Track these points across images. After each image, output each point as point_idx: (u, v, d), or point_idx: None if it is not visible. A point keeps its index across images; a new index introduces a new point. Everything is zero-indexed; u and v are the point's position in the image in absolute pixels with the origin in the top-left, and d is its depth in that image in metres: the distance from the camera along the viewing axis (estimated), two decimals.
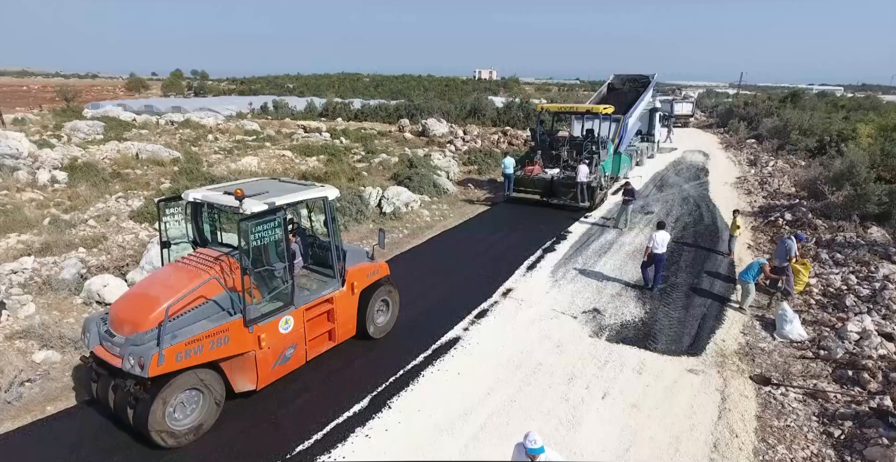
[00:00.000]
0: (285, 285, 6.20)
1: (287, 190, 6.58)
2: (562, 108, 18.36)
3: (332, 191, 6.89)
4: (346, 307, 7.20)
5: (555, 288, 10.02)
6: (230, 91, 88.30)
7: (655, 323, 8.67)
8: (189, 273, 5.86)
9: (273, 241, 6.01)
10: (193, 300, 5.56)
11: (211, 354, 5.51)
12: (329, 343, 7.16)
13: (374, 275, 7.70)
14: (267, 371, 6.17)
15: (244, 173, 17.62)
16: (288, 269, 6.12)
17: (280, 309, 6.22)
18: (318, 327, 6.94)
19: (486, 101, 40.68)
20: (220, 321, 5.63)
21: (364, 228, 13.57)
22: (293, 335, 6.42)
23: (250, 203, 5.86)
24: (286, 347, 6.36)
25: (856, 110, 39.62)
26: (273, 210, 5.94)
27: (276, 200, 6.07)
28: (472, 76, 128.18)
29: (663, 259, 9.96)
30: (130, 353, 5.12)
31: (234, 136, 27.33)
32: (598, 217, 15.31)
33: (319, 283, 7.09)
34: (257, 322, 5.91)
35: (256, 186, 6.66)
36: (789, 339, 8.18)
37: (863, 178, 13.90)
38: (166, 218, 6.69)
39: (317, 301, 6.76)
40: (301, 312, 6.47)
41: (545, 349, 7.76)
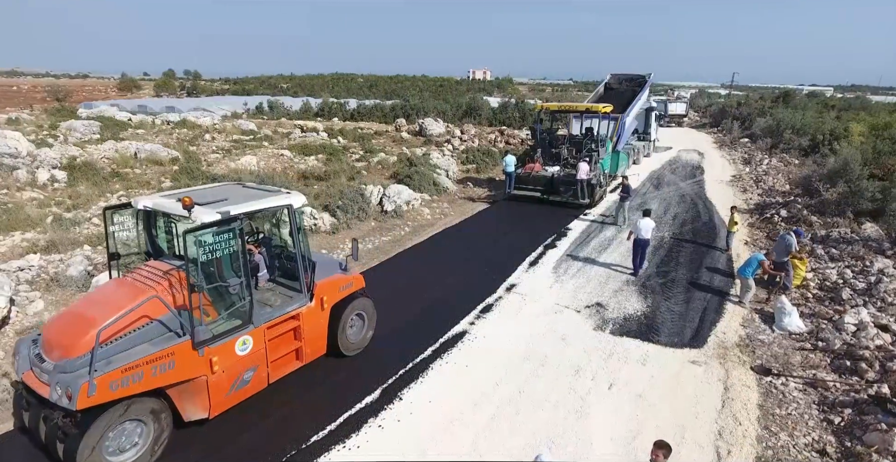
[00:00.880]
0: (243, 302, 5.64)
1: (248, 197, 6.04)
2: (561, 107, 18.56)
3: (297, 198, 6.34)
4: (314, 324, 6.62)
5: (558, 283, 10.17)
6: (223, 91, 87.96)
7: (657, 316, 8.83)
8: (132, 290, 5.31)
9: (228, 254, 5.48)
10: (135, 320, 5.02)
11: (153, 381, 4.96)
12: (295, 363, 6.57)
13: (348, 288, 7.11)
14: (221, 397, 5.62)
15: (244, 172, 17.64)
16: (246, 284, 5.58)
17: (237, 328, 5.64)
18: (282, 347, 6.37)
19: (481, 101, 40.84)
20: (165, 344, 5.07)
21: (366, 226, 13.66)
22: (253, 356, 5.85)
23: (201, 212, 5.35)
24: (244, 370, 5.78)
25: (846, 110, 40.18)
26: (227, 220, 5.39)
27: (232, 209, 5.51)
28: (467, 76, 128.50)
29: (647, 244, 10.61)
30: (58, 381, 4.58)
31: (231, 136, 27.31)
32: (598, 214, 15.49)
33: (285, 298, 6.47)
34: (209, 344, 5.34)
35: (216, 193, 6.14)
36: (788, 332, 8.36)
37: (856, 175, 14.16)
38: (114, 227, 6.14)
39: (281, 318, 6.18)
40: (262, 331, 5.91)
41: (550, 342, 7.90)
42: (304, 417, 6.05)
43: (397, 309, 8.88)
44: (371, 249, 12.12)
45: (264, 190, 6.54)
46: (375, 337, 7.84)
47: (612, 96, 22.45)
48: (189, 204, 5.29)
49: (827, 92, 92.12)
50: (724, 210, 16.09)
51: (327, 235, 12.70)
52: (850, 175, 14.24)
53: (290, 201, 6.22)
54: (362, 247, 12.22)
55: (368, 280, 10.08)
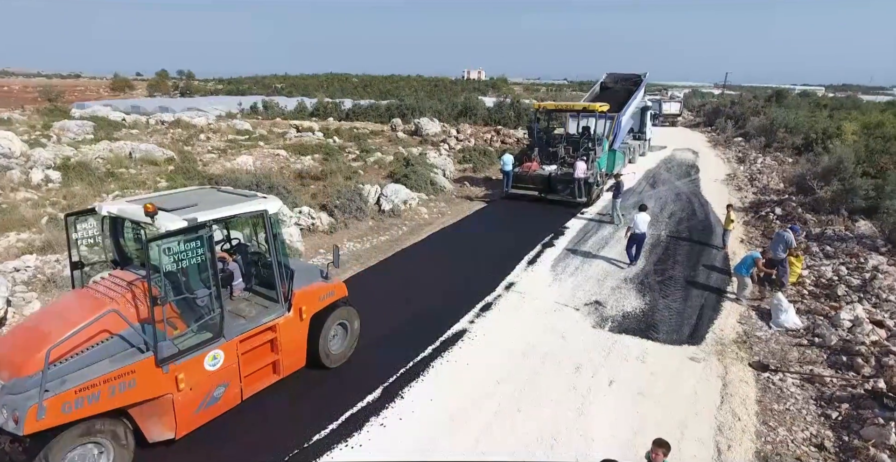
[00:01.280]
0: (213, 314, 5.31)
1: (220, 202, 5.71)
2: (558, 106, 18.62)
3: (273, 203, 6.00)
4: (292, 335, 6.29)
5: (556, 281, 10.20)
6: (217, 91, 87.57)
7: (656, 314, 8.89)
8: (91, 302, 5.00)
9: (195, 264, 5.16)
10: (93, 336, 4.69)
11: (112, 402, 4.62)
12: (272, 377, 6.24)
13: (329, 297, 6.76)
14: (189, 416, 5.31)
15: (240, 172, 17.58)
16: (216, 295, 5.24)
17: (207, 342, 5.30)
18: (257, 360, 6.04)
19: (476, 101, 40.88)
20: (126, 361, 4.73)
21: (364, 226, 13.65)
22: (224, 372, 5.51)
23: (165, 219, 5.01)
24: (214, 387, 5.46)
25: (838, 109, 40.49)
26: (194, 227, 5.05)
27: (200, 215, 5.18)
28: (462, 76, 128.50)
29: (643, 238, 11.01)
30: (4, 404, 4.26)
31: (227, 136, 27.19)
32: (595, 212, 15.55)
33: (260, 308, 6.14)
34: (174, 360, 5.01)
35: (187, 198, 5.82)
36: (785, 328, 8.44)
37: (850, 173, 14.29)
38: (77, 234, 5.80)
39: (255, 330, 5.86)
40: (234, 345, 5.58)
41: (550, 340, 7.93)
42: (304, 417, 6.05)
43: (397, 308, 8.90)
44: (369, 249, 12.12)
45: (239, 195, 6.22)
46: (376, 336, 7.85)
47: (608, 95, 22.53)
48: (151, 210, 4.92)
49: (818, 91, 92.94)
50: (719, 208, 16.20)
51: (325, 235, 12.69)
52: (844, 173, 14.37)
53: (265, 207, 5.88)
54: (360, 246, 12.23)
55: (367, 280, 10.21)
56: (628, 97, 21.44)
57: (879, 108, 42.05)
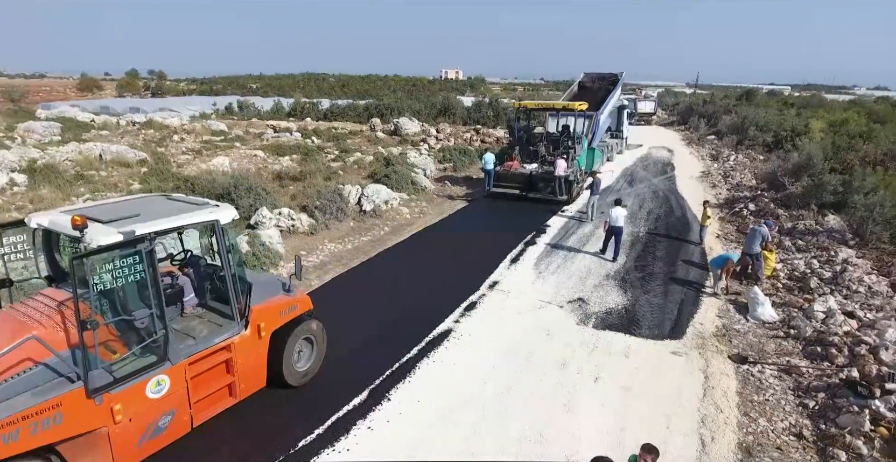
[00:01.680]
0: (156, 336, 4.81)
1: (166, 212, 5.23)
2: (538, 105, 18.75)
3: (225, 212, 5.50)
4: (250, 354, 5.83)
5: (539, 279, 10.27)
6: (190, 91, 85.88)
7: (638, 309, 9.01)
8: (11, 327, 4.51)
9: (134, 282, 4.65)
10: (13, 365, 4.22)
11: (33, 440, 4.09)
12: (228, 400, 5.76)
13: (291, 311, 6.32)
14: (130, 449, 4.81)
15: (216, 173, 17.23)
16: (159, 315, 4.75)
17: (149, 367, 4.79)
18: (210, 384, 5.52)
19: (455, 101, 40.93)
20: (51, 393, 4.20)
21: (345, 226, 13.52)
22: (170, 399, 5.01)
23: (98, 232, 4.49)
24: (159, 416, 4.96)
25: (805, 108, 41.74)
26: (131, 241, 4.53)
27: (139, 228, 4.67)
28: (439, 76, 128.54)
29: (621, 231, 11.24)
30: None
31: (201, 137, 26.64)
32: (575, 210, 15.70)
33: (213, 327, 5.63)
34: (109, 389, 4.47)
35: (131, 207, 5.35)
36: (762, 321, 8.65)
37: (819, 169, 14.74)
38: (3, 249, 5.25)
39: (207, 351, 5.35)
40: (182, 368, 5.08)
41: (535, 338, 7.97)
42: (290, 422, 5.95)
43: (382, 309, 8.84)
44: (351, 250, 12.00)
45: (190, 203, 5.72)
46: (361, 338, 7.79)
47: (586, 94, 22.82)
48: (80, 223, 4.40)
49: (785, 90, 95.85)
50: (695, 205, 16.53)
51: (306, 236, 12.51)
52: (814, 170, 14.82)
53: (216, 216, 5.37)
54: (342, 247, 12.11)
55: (349, 281, 10.10)
56: (606, 96, 21.74)
57: (843, 106, 43.59)
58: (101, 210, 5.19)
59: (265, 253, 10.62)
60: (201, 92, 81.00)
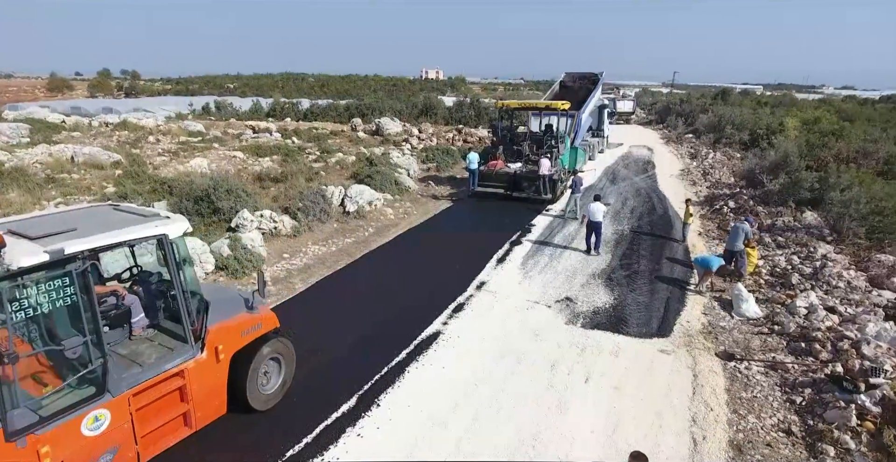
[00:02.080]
0: (92, 367, 4.29)
1: (108, 225, 4.65)
2: (522, 105, 18.76)
3: (176, 225, 4.98)
4: (207, 380, 5.30)
5: (526, 279, 10.23)
6: (165, 91, 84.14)
7: (625, 308, 9.04)
8: None
9: (64, 307, 4.17)
10: None
11: None
12: (183, 431, 5.21)
13: (254, 330, 5.80)
14: None
15: (194, 175, 16.82)
16: (96, 342, 4.26)
17: (85, 401, 4.26)
18: (160, 414, 4.97)
19: (436, 101, 40.83)
20: None
21: (328, 228, 13.30)
22: (111, 435, 4.46)
23: (19, 252, 3.90)
24: (98, 455, 4.42)
25: (777, 106, 42.72)
26: (60, 261, 4.01)
27: (69, 245, 4.08)
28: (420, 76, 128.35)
29: (600, 226, 11.52)
30: None
31: (178, 138, 26.02)
32: (559, 209, 15.73)
33: (164, 351, 5.10)
34: (33, 430, 3.95)
35: (67, 220, 4.75)
36: (746, 317, 8.74)
37: (795, 167, 15.04)
38: None
39: (155, 379, 4.81)
40: (125, 400, 4.54)
41: (525, 338, 7.92)
42: (276, 431, 5.78)
43: (368, 312, 8.69)
44: (335, 252, 11.81)
45: (138, 215, 5.15)
46: (348, 342, 7.64)
47: (568, 94, 22.95)
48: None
49: (757, 90, 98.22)
50: (677, 202, 16.73)
51: (288, 239, 12.27)
52: (790, 167, 15.10)
53: (165, 230, 4.84)
54: (326, 249, 11.90)
55: (334, 284, 9.93)
56: (587, 95, 21.90)
57: (813, 105, 44.78)
58: (33, 224, 4.63)
59: (247, 256, 10.37)
60: (177, 92, 79.46)
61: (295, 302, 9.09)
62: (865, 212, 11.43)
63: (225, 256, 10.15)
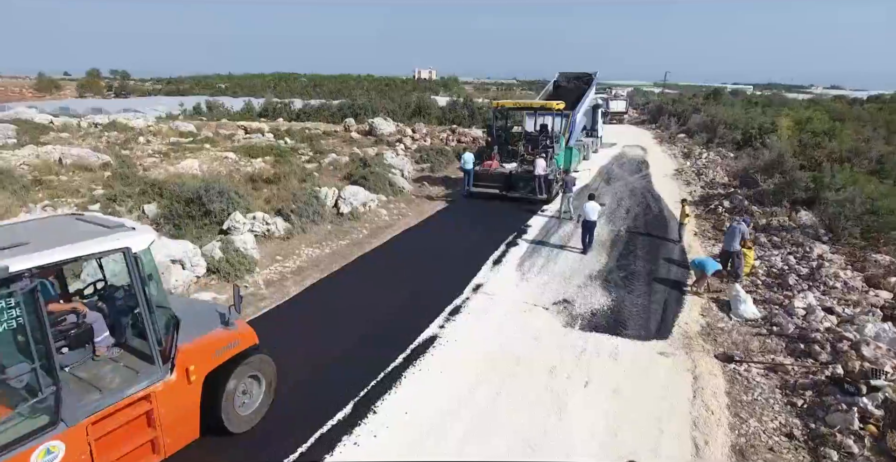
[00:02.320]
0: (43, 395, 3.88)
1: (66, 238, 4.21)
2: (516, 105, 18.67)
3: (141, 237, 4.59)
4: (178, 403, 4.88)
5: (523, 281, 10.13)
6: (156, 91, 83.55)
7: (623, 310, 8.96)
8: None
9: (9, 330, 3.78)
10: None
11: None
12: (151, 459, 4.77)
13: (229, 349, 5.36)
14: None
15: (185, 176, 16.59)
16: (45, 368, 3.86)
17: (34, 434, 3.86)
18: (124, 442, 4.50)
19: (429, 101, 40.71)
20: None
21: (322, 230, 13.13)
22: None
23: None
24: None
25: (768, 106, 42.93)
26: (2, 280, 3.63)
27: (15, 262, 3.69)
28: (412, 76, 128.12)
29: (594, 225, 11.72)
30: None
31: (169, 139, 25.73)
32: (555, 209, 15.63)
33: (129, 373, 4.65)
34: None
35: (23, 232, 4.43)
36: (744, 318, 8.70)
37: (790, 166, 15.06)
38: None
39: (118, 405, 4.38)
40: (83, 430, 4.11)
41: (522, 342, 7.81)
42: (270, 440, 5.63)
43: (363, 315, 8.55)
44: (329, 254, 11.66)
45: (101, 226, 4.70)
46: (343, 347, 7.51)
47: (562, 94, 22.90)
48: None
49: (748, 90, 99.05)
50: (671, 202, 16.72)
51: (281, 241, 12.10)
52: (785, 167, 15.12)
53: (127, 243, 4.43)
54: (319, 252, 11.75)
55: (328, 287, 9.76)
56: (581, 95, 21.84)
57: (804, 105, 45.10)
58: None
59: (239, 259, 10.19)
60: (167, 92, 78.96)
61: (288, 305, 8.94)
62: (860, 211, 11.44)
63: (217, 259, 9.97)
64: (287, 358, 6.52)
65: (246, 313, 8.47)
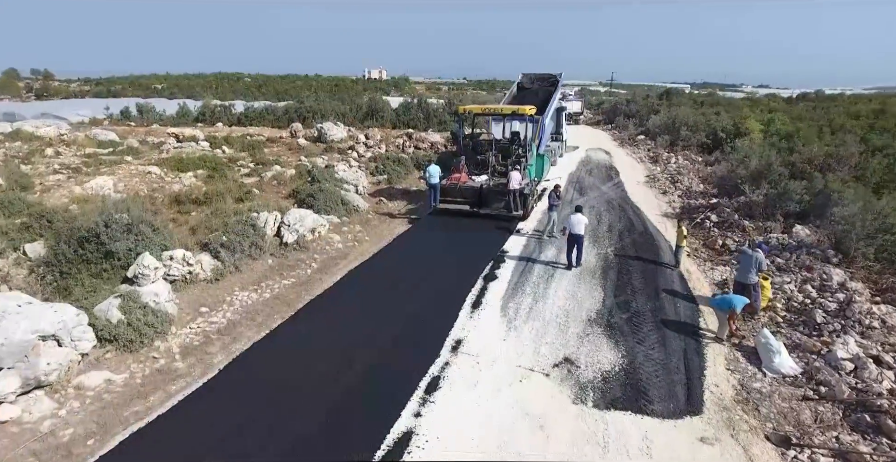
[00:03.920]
0: None
1: None
2: (485, 110, 16.84)
3: None
4: None
5: (512, 332, 8.29)
6: (83, 93, 77.12)
7: (639, 370, 7.27)
8: None
9: None
10: None
11: None
12: None
13: None
14: None
15: (93, 199, 13.78)
16: None
17: None
18: None
19: (382, 102, 38.43)
20: None
21: (261, 266, 10.86)
22: None
23: None
24: None
25: (712, 106, 42.94)
26: None
27: None
28: (363, 75, 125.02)
29: (582, 239, 10.98)
30: None
31: (84, 149, 22.38)
32: (532, 228, 13.96)
33: None
34: None
35: None
36: (781, 374, 7.22)
37: (777, 174, 14.00)
38: None
39: None
40: None
41: (525, 432, 5.97)
42: None
43: (311, 402, 6.45)
44: (269, 300, 9.45)
45: None
46: (282, 450, 5.41)
47: (526, 96, 21.36)
48: None
49: (686, 88, 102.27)
50: (653, 215, 15.43)
51: (207, 285, 9.77)
52: (772, 176, 14.06)
53: None
54: (257, 297, 9.54)
55: (267, 354, 7.41)
56: (547, 97, 20.34)
57: (747, 103, 45.74)
58: None
59: (147, 320, 7.85)
60: (96, 93, 72.98)
61: (208, 390, 6.71)
62: (872, 229, 10.32)
63: (115, 323, 7.59)
64: None
65: (147, 405, 6.23)
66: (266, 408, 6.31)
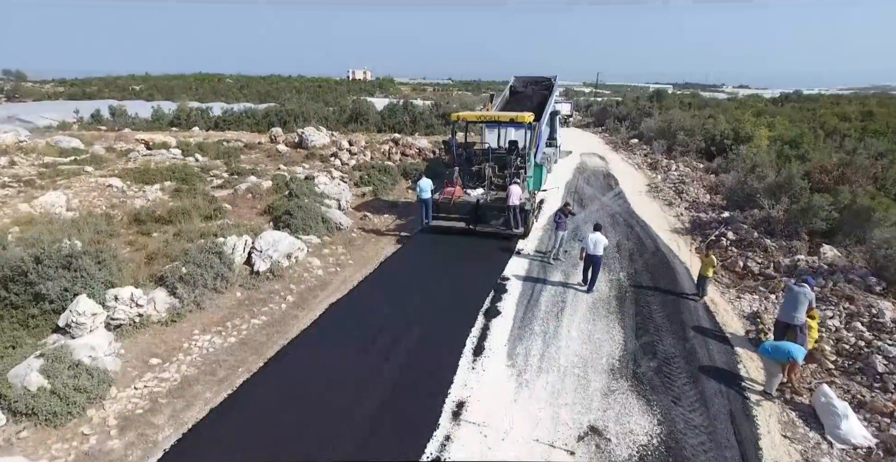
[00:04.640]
0: None
1: None
2: (480, 117, 15.48)
3: None
4: None
5: (523, 389, 6.96)
6: (57, 95, 74.25)
7: (681, 441, 5.99)
8: None
9: None
10: None
11: None
12: None
13: None
14: None
15: (40, 220, 12.15)
16: None
17: None
18: None
19: (367, 105, 36.89)
20: None
21: (227, 301, 9.40)
22: None
23: None
24: None
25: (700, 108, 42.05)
26: None
27: None
28: (347, 76, 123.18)
29: (599, 261, 10.12)
30: None
31: (43, 158, 20.58)
32: (534, 249, 12.65)
33: None
34: None
35: None
36: (850, 445, 5.99)
37: (799, 188, 12.90)
38: None
39: None
40: None
41: None
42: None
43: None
44: (234, 346, 8.00)
45: None
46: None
47: (519, 100, 20.15)
48: None
49: (668, 89, 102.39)
50: (661, 231, 14.25)
51: (161, 328, 8.28)
52: (794, 189, 12.94)
53: None
54: (221, 343, 8.09)
55: (227, 425, 6.03)
56: (542, 102, 19.12)
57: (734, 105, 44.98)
58: None
59: (79, 382, 6.36)
60: (70, 95, 70.19)
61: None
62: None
63: (34, 392, 6.09)
64: None
65: None
66: None
